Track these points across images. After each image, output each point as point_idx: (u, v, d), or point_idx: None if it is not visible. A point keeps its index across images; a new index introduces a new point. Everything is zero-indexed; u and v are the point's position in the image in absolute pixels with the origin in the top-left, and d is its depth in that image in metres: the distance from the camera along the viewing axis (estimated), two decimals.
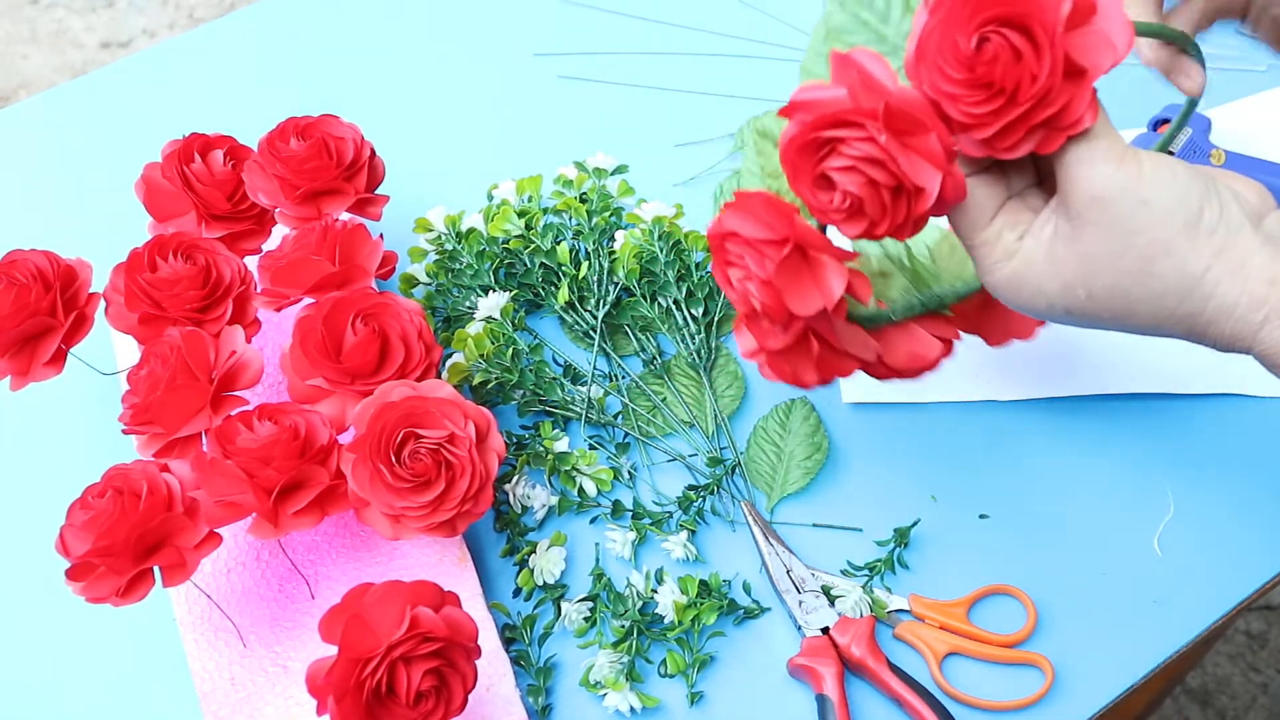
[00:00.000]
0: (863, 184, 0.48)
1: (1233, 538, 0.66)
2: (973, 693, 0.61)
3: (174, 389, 0.60)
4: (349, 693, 0.52)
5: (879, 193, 0.48)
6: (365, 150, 0.71)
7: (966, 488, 0.68)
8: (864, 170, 0.47)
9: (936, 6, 0.46)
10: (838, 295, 0.51)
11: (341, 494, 0.60)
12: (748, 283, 0.53)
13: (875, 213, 0.48)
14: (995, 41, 0.45)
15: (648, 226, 0.74)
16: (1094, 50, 0.45)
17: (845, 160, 0.48)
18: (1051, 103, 0.46)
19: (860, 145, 0.47)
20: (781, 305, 0.52)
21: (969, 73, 0.46)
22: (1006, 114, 0.46)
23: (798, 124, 0.49)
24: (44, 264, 0.65)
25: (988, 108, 0.46)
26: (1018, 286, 0.49)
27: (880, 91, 0.47)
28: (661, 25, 0.93)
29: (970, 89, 0.46)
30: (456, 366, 0.70)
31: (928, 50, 0.47)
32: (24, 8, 2.23)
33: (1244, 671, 1.46)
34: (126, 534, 0.57)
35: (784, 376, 0.59)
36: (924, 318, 0.61)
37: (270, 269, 0.66)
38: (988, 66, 0.45)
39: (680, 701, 0.62)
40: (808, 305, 0.52)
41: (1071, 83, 0.46)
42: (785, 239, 0.51)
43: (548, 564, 0.65)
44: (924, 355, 0.60)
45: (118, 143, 0.88)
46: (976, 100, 0.46)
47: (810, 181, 0.49)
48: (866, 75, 0.47)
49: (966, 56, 0.45)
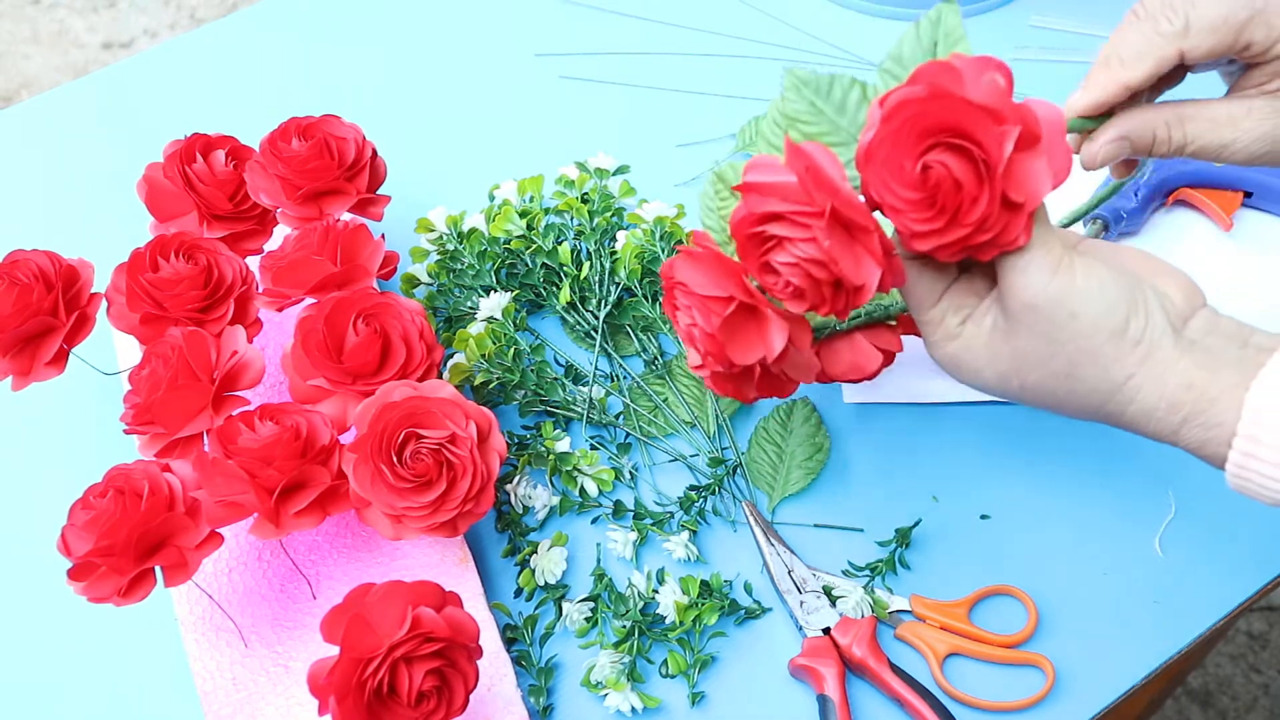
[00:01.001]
0: (804, 277, 0.50)
1: (1234, 538, 0.66)
2: (974, 693, 0.61)
3: (175, 389, 0.60)
4: (350, 693, 0.52)
5: (820, 286, 0.50)
6: (367, 150, 0.71)
7: (968, 488, 0.68)
8: (806, 268, 0.50)
9: (889, 116, 0.48)
10: (778, 350, 0.54)
11: (343, 494, 0.60)
12: (693, 329, 0.55)
13: (816, 300, 0.51)
14: (938, 171, 0.47)
15: (649, 227, 0.74)
16: (1032, 183, 0.47)
17: (790, 257, 0.50)
18: (989, 229, 0.47)
19: (804, 247, 0.49)
20: (724, 354, 0.54)
21: (914, 193, 0.47)
22: (948, 234, 0.48)
23: (747, 210, 0.51)
24: (46, 264, 0.65)
25: (929, 226, 0.48)
26: (957, 367, 0.52)
27: (829, 191, 0.48)
28: (663, 26, 0.93)
29: (914, 207, 0.48)
30: (458, 367, 0.70)
31: (876, 158, 0.48)
32: (26, 8, 2.23)
33: (1245, 672, 1.46)
34: (128, 534, 0.57)
35: (726, 393, 0.61)
36: (869, 327, 0.63)
37: (272, 269, 0.66)
38: (931, 191, 0.47)
39: (681, 702, 0.62)
40: (748, 356, 0.55)
41: (1009, 211, 0.47)
42: (730, 298, 0.53)
43: (549, 564, 0.65)
44: (864, 366, 0.62)
45: (119, 143, 0.88)
46: (920, 218, 0.48)
47: (757, 265, 0.52)
48: (817, 171, 0.48)
49: (913, 179, 0.47)
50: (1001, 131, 0.46)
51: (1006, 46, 0.89)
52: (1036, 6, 0.92)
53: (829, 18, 0.92)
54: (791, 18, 0.92)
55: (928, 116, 0.47)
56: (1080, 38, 0.90)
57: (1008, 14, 0.92)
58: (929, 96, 0.47)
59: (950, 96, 0.46)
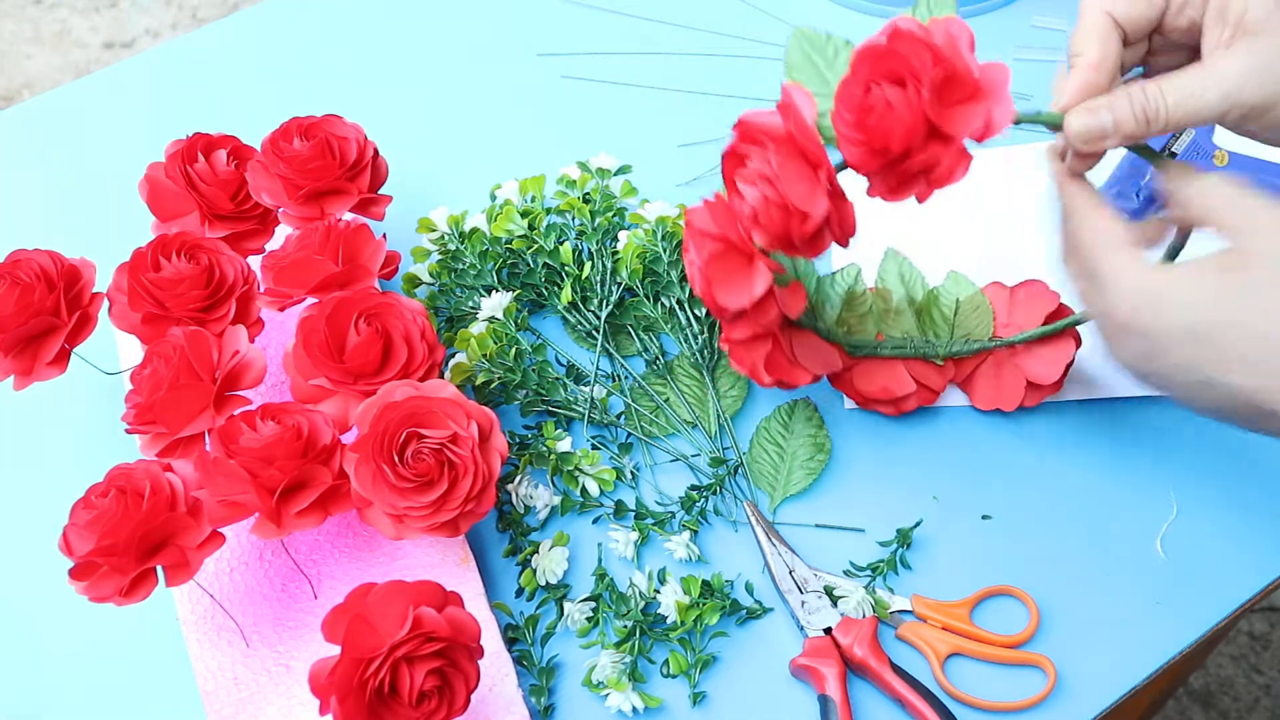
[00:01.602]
0: (758, 198, 0.54)
1: (1236, 539, 0.66)
2: (975, 693, 0.61)
3: (177, 389, 0.60)
4: (352, 692, 0.52)
5: (770, 209, 0.54)
6: (368, 150, 0.71)
7: (969, 488, 0.68)
8: (759, 188, 0.54)
9: (857, 60, 0.52)
10: (758, 293, 0.57)
11: (344, 494, 0.60)
12: (693, 266, 0.59)
13: (769, 226, 0.55)
14: (874, 94, 0.51)
15: (651, 227, 0.74)
16: (965, 120, 0.50)
17: (751, 174, 0.55)
18: (915, 155, 0.51)
19: (759, 163, 0.54)
20: (710, 295, 0.58)
21: (857, 119, 0.52)
22: (880, 158, 0.52)
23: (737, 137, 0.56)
24: (48, 264, 0.65)
25: (864, 148, 0.52)
26: (1157, 304, 0.49)
27: (788, 115, 0.53)
28: (664, 25, 0.93)
29: (855, 131, 0.52)
30: (459, 366, 0.70)
31: (839, 96, 0.53)
32: (28, 8, 2.23)
33: (1247, 673, 1.46)
34: (129, 533, 0.57)
35: (744, 367, 0.64)
36: (915, 360, 0.68)
37: (273, 269, 0.66)
38: (866, 115, 0.51)
39: (683, 702, 0.62)
40: (732, 299, 0.58)
41: (938, 141, 0.51)
42: (722, 237, 0.57)
43: (550, 564, 0.65)
44: (892, 390, 0.68)
45: (121, 142, 0.88)
46: (861, 146, 0.52)
47: (731, 188, 0.57)
48: (790, 105, 0.53)
49: (857, 105, 0.52)
50: (934, 61, 0.50)
51: (1008, 47, 0.89)
52: (1038, 7, 0.92)
53: (830, 17, 0.92)
54: (792, 17, 0.92)
55: (882, 55, 0.51)
56: None
57: (1009, 14, 0.92)
58: (889, 38, 0.51)
59: (903, 35, 0.50)
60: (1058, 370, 0.67)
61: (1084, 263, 0.52)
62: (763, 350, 0.63)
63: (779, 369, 0.64)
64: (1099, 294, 0.51)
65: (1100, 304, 0.51)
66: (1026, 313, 0.68)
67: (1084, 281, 0.53)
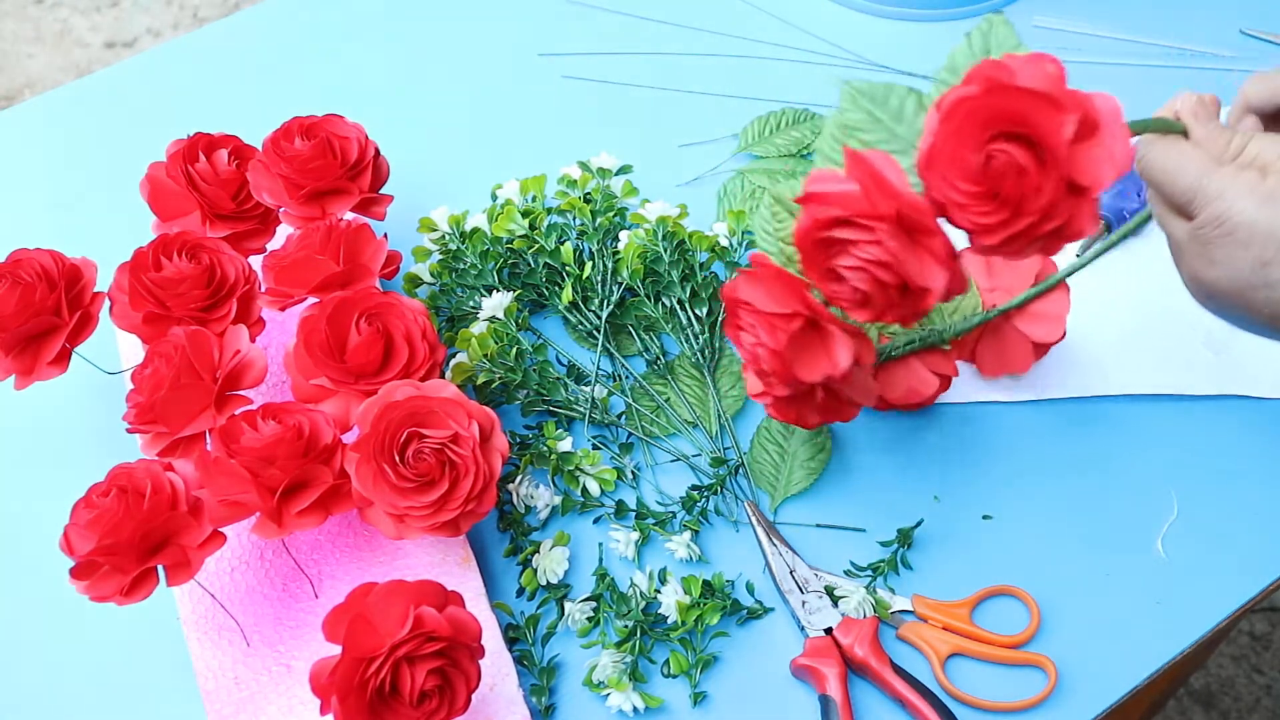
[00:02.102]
0: (870, 281, 0.51)
1: (1236, 539, 0.66)
2: (976, 693, 0.61)
3: (178, 388, 0.60)
4: (352, 692, 0.52)
5: (886, 290, 0.51)
6: (369, 150, 0.71)
7: (970, 488, 0.68)
8: (872, 271, 0.50)
9: (948, 116, 0.48)
10: (845, 366, 0.55)
11: (345, 493, 0.60)
12: (758, 348, 0.56)
13: (882, 305, 0.51)
14: (1001, 160, 0.46)
15: (651, 226, 0.74)
16: (1096, 168, 0.46)
17: (855, 260, 0.51)
18: (1056, 216, 0.47)
19: (870, 249, 0.50)
20: (790, 372, 0.55)
21: (977, 186, 0.47)
22: (1012, 226, 0.47)
23: (811, 218, 0.51)
24: (49, 263, 0.65)
25: (994, 219, 0.47)
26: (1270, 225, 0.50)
27: (892, 195, 0.49)
28: (665, 26, 0.93)
29: (978, 200, 0.47)
30: (460, 366, 0.70)
31: (938, 159, 0.48)
32: (29, 7, 2.23)
33: (1247, 673, 1.46)
34: (130, 533, 0.57)
35: (788, 418, 0.62)
36: (923, 352, 0.66)
37: (274, 268, 0.66)
38: (994, 182, 0.47)
39: (683, 702, 0.62)
40: (815, 373, 0.55)
41: (1074, 198, 0.47)
42: (796, 314, 0.54)
43: (551, 564, 0.65)
44: (921, 391, 0.65)
45: (122, 142, 0.88)
46: (984, 211, 0.47)
47: (821, 272, 0.52)
48: (879, 178, 0.49)
49: (975, 171, 0.47)
50: (1062, 116, 0.46)
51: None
52: (1039, 7, 0.92)
53: (831, 18, 0.92)
54: (794, 18, 0.92)
55: (986, 110, 0.47)
56: (1083, 38, 0.90)
57: (1011, 15, 0.92)
58: (985, 91, 0.47)
59: (1006, 88, 0.46)
60: (1059, 325, 0.66)
61: (1182, 187, 0.52)
62: (810, 399, 0.61)
63: (831, 411, 0.62)
64: (1210, 206, 0.51)
65: (1211, 215, 0.51)
66: (1010, 275, 0.67)
67: (1173, 206, 0.53)
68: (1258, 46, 0.89)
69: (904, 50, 0.90)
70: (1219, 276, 0.51)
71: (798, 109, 0.85)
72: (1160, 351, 0.72)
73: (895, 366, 0.65)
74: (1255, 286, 0.50)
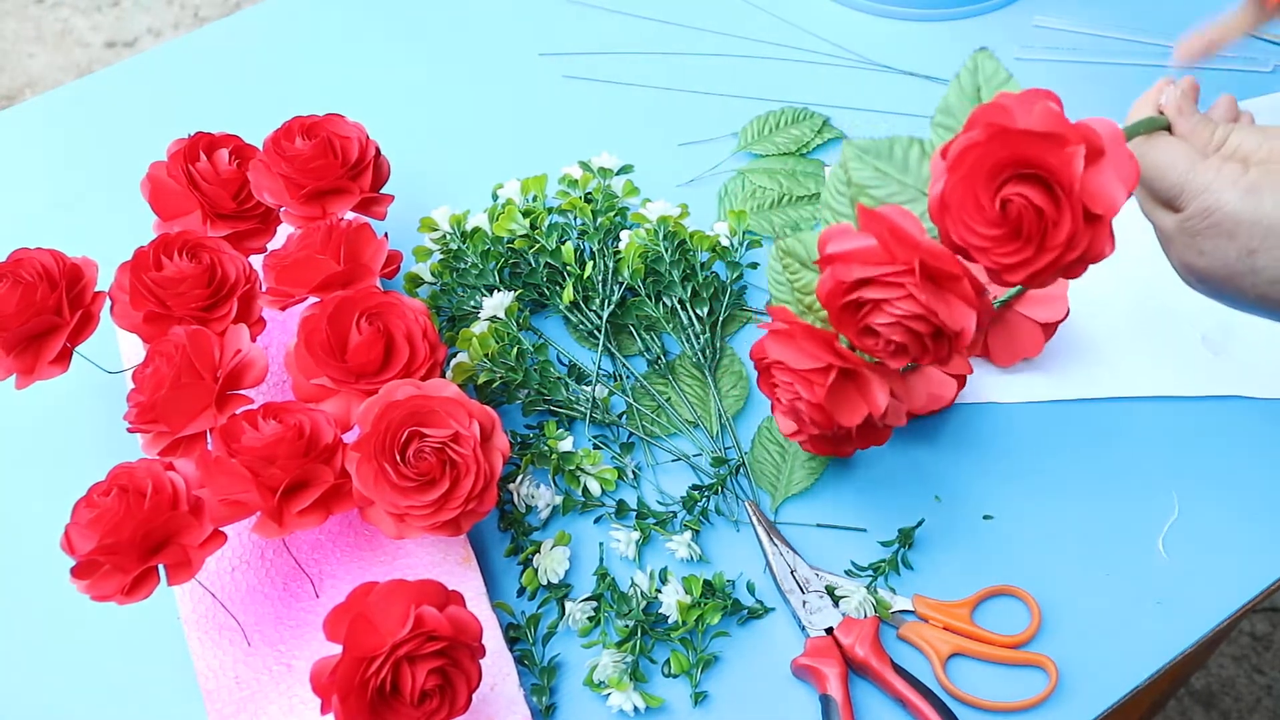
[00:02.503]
0: (905, 334, 0.52)
1: (1237, 539, 0.66)
2: (976, 693, 0.61)
3: (179, 387, 0.60)
4: (353, 691, 0.52)
5: (921, 339, 0.52)
6: (370, 149, 0.71)
7: (970, 488, 0.68)
8: (906, 324, 0.52)
9: (955, 164, 0.49)
10: (884, 406, 0.57)
11: (346, 493, 0.60)
12: (797, 403, 0.59)
13: (918, 352, 0.53)
14: (1017, 203, 0.48)
15: (653, 226, 0.74)
16: (1107, 194, 0.48)
17: (888, 317, 0.52)
18: (1078, 246, 0.48)
19: (902, 305, 0.51)
20: (831, 421, 0.58)
21: (998, 229, 0.48)
22: (1037, 261, 0.49)
23: (835, 279, 0.53)
24: (50, 263, 0.65)
25: (1020, 256, 0.49)
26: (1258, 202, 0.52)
27: (913, 247, 0.50)
28: (666, 25, 0.93)
29: (999, 243, 0.49)
30: (461, 366, 0.70)
31: (951, 204, 0.50)
32: (29, 7, 2.23)
33: (1248, 673, 1.46)
34: (131, 532, 0.57)
35: (824, 452, 0.65)
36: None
37: (275, 268, 0.66)
38: (1013, 223, 0.48)
39: (684, 701, 0.62)
40: (855, 418, 0.58)
41: (1092, 226, 0.48)
42: (830, 368, 0.56)
43: (552, 563, 0.65)
44: (941, 396, 0.66)
45: (123, 142, 0.88)
46: (1008, 252, 0.49)
47: (855, 330, 0.54)
48: (898, 230, 0.51)
49: (993, 217, 0.48)
50: (1068, 151, 0.47)
51: (1010, 47, 0.89)
52: (1040, 7, 0.92)
53: (833, 17, 0.92)
54: (795, 17, 0.92)
55: (993, 155, 0.48)
56: (1083, 38, 0.90)
57: (1011, 14, 0.92)
58: (989, 137, 0.48)
59: (1010, 131, 0.47)
60: (1062, 303, 0.68)
61: (1170, 182, 0.54)
62: (847, 434, 0.62)
63: (868, 438, 0.64)
64: (1197, 200, 0.53)
65: (1199, 208, 0.53)
66: None
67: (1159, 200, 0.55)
68: (1259, 47, 0.89)
69: (905, 50, 0.90)
70: (1208, 265, 0.54)
71: (797, 108, 0.85)
72: (1159, 352, 0.72)
73: (913, 377, 0.66)
74: (1242, 274, 0.53)
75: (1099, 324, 0.73)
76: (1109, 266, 0.75)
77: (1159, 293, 0.74)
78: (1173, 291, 0.74)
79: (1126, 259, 0.76)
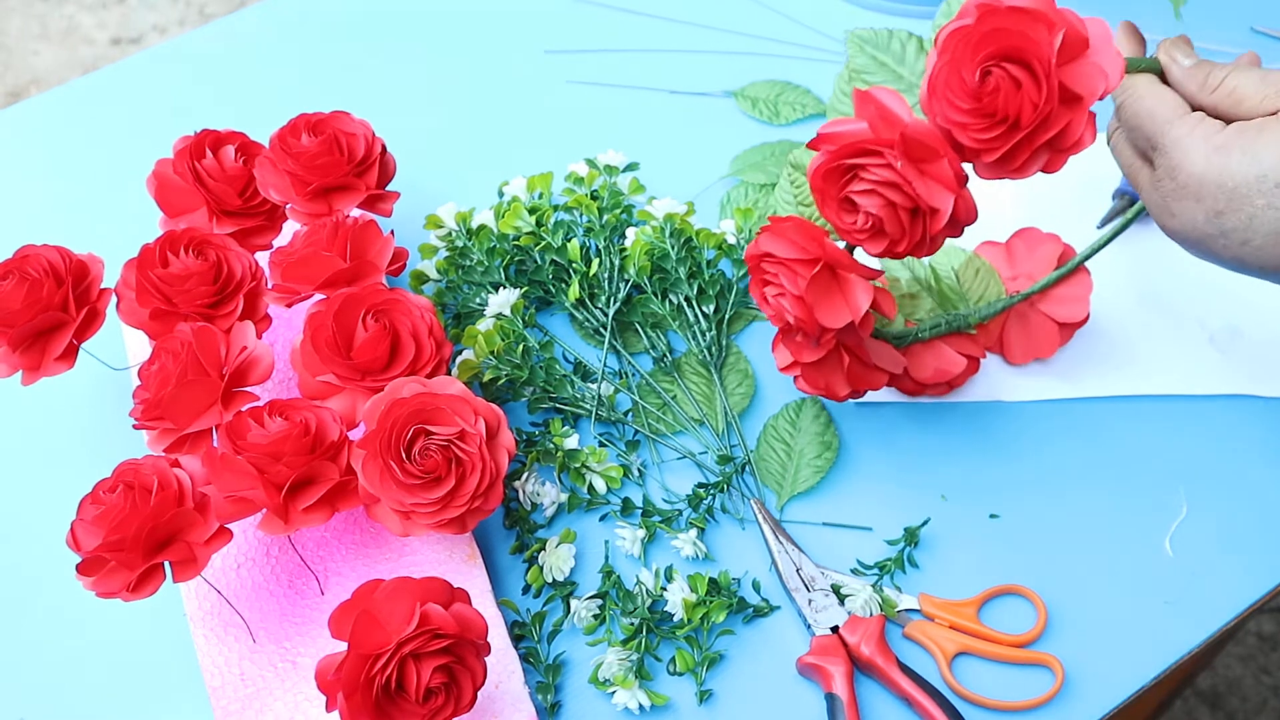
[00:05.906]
0: (882, 205, 0.53)
1: (1245, 539, 0.65)
2: (983, 692, 0.61)
3: (185, 384, 0.60)
4: (358, 689, 0.52)
5: (897, 214, 0.53)
6: (376, 146, 0.71)
7: (977, 487, 0.68)
8: (883, 193, 0.52)
9: (944, 48, 0.51)
10: (864, 309, 0.56)
11: (352, 490, 0.60)
12: (782, 299, 0.58)
13: (895, 232, 0.53)
14: (996, 74, 0.50)
15: (659, 224, 0.74)
16: (1088, 79, 0.49)
17: (866, 184, 0.53)
18: (1051, 125, 0.50)
19: (879, 170, 0.52)
20: (813, 319, 0.57)
21: (975, 103, 0.50)
22: (1011, 138, 0.50)
23: (824, 153, 0.54)
24: (56, 259, 0.65)
25: (994, 133, 0.50)
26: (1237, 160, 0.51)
27: (896, 123, 0.52)
28: (673, 23, 0.93)
29: (977, 117, 0.50)
30: (467, 363, 0.70)
31: (938, 86, 0.51)
32: (35, 4, 2.24)
33: (1255, 674, 1.46)
34: (137, 529, 0.57)
35: (818, 389, 0.64)
36: (951, 336, 0.67)
37: (281, 265, 0.66)
38: (991, 96, 0.50)
39: (689, 699, 0.62)
40: (837, 319, 0.57)
41: (1069, 107, 0.50)
42: (816, 259, 0.56)
43: (557, 561, 0.65)
44: (948, 370, 0.67)
45: (129, 138, 0.88)
46: (983, 126, 0.50)
47: (835, 205, 0.55)
48: (884, 109, 0.52)
49: (972, 89, 0.50)
50: (1050, 29, 0.48)
51: None
52: None
53: (842, 17, 0.92)
54: (804, 16, 0.92)
55: (980, 35, 0.50)
56: None
57: None
58: (979, 18, 0.50)
59: (998, 10, 0.49)
60: (1083, 305, 0.68)
61: (1147, 133, 0.54)
62: (838, 366, 0.62)
63: (859, 379, 0.63)
64: (1166, 157, 0.53)
65: (1167, 165, 0.53)
66: (1032, 261, 0.69)
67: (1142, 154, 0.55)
68: (1269, 44, 0.88)
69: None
70: (1179, 227, 0.54)
71: (797, 86, 0.86)
72: (1166, 351, 0.72)
73: (922, 349, 0.67)
74: (1213, 235, 0.52)
75: (1106, 323, 0.73)
76: (1116, 266, 0.75)
77: (1166, 292, 0.74)
78: (1180, 291, 0.74)
79: (1133, 259, 0.76)
